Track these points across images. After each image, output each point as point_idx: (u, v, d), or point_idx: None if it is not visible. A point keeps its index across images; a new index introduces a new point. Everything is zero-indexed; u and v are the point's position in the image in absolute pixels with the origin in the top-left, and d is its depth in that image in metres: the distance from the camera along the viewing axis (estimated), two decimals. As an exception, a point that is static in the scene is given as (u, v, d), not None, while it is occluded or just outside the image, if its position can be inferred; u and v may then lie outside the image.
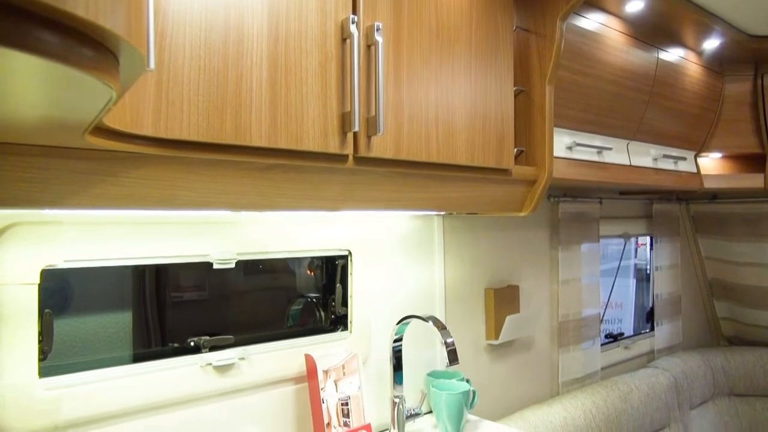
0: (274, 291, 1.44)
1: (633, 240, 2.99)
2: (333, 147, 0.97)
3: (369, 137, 1.01)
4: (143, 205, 0.81)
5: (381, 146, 1.04)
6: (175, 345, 1.22)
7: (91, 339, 1.13)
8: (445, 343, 1.32)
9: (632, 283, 3.12)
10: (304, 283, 1.48)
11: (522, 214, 1.44)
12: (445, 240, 1.69)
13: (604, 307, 2.47)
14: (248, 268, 1.36)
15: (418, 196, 1.17)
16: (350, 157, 1.01)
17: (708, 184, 2.16)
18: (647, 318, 2.77)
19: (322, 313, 1.47)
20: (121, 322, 1.19)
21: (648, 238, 2.82)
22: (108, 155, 0.76)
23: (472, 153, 1.22)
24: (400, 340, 1.45)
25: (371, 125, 1.00)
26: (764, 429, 2.51)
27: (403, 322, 1.42)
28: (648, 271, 2.85)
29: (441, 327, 1.35)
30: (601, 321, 2.28)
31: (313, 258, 1.45)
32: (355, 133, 0.99)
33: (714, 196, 2.66)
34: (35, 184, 0.72)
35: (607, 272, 2.73)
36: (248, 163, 0.89)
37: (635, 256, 3.08)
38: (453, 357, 1.31)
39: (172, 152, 0.80)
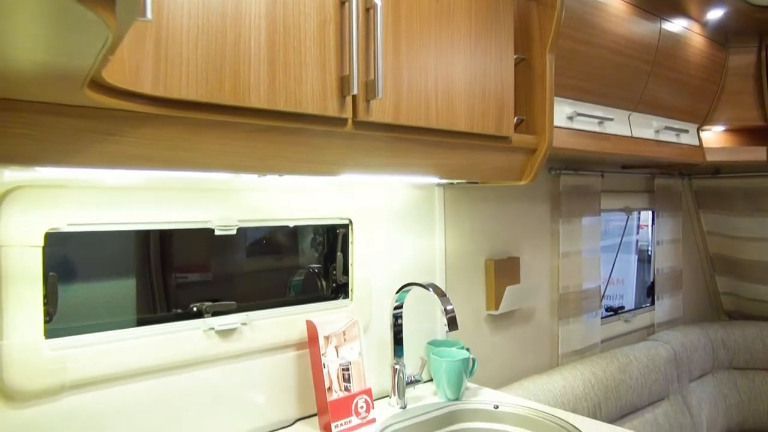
0: (276, 260, 1.46)
1: (635, 216, 2.99)
2: (332, 110, 0.97)
3: (368, 101, 1.02)
4: (144, 165, 0.82)
5: (380, 111, 1.04)
6: (178, 311, 1.24)
7: (95, 305, 1.15)
8: (445, 310, 1.34)
9: (633, 259, 3.13)
10: (305, 253, 1.49)
11: (522, 183, 1.44)
12: (445, 211, 1.70)
13: (606, 283, 2.48)
14: (250, 236, 1.38)
15: (418, 162, 1.18)
16: (349, 121, 1.01)
17: (710, 157, 2.16)
18: (648, 293, 2.78)
19: (323, 282, 1.49)
20: (125, 288, 1.21)
21: (650, 218, 2.83)
22: (108, 114, 0.77)
23: (472, 119, 1.22)
24: (400, 307, 1.46)
25: (370, 89, 1.00)
26: (763, 402, 2.54)
27: (404, 289, 1.43)
28: (649, 252, 2.86)
29: (441, 294, 1.36)
30: (602, 297, 2.29)
31: (313, 227, 1.46)
32: (354, 97, 1.00)
33: (716, 170, 2.66)
34: (37, 142, 0.73)
35: (609, 248, 2.74)
36: (248, 124, 0.90)
37: (637, 233, 3.09)
38: (452, 323, 1.33)
39: (171, 112, 0.81)
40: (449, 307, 1.34)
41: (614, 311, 2.47)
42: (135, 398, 1.11)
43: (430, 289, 1.36)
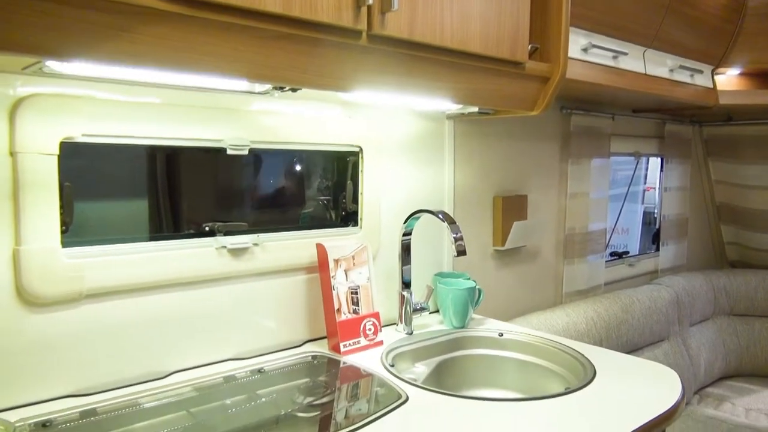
0: (286, 189, 1.46)
1: (642, 166, 2.98)
2: (346, 20, 0.96)
3: (383, 13, 1.00)
4: (156, 64, 0.82)
5: (395, 25, 1.03)
6: (191, 231, 1.26)
7: (109, 221, 1.16)
8: (454, 237, 1.35)
9: (639, 209, 3.13)
10: (315, 183, 1.50)
11: (534, 113, 1.43)
12: (455, 145, 1.70)
13: (611, 232, 2.49)
14: (262, 162, 1.38)
15: (430, 83, 1.17)
16: (364, 34, 1.00)
17: (723, 100, 2.13)
18: (653, 240, 2.80)
19: (333, 213, 1.49)
20: (137, 206, 1.22)
21: (658, 168, 2.81)
22: (123, 9, 0.76)
23: (486, 42, 1.21)
24: (409, 234, 1.48)
25: (385, 0, 0.99)
26: (761, 347, 2.58)
27: (413, 216, 1.44)
28: (655, 215, 2.85)
29: (451, 221, 1.37)
30: (608, 243, 2.31)
31: (324, 155, 1.46)
32: (369, 8, 0.98)
33: (728, 117, 2.63)
34: (50, 32, 0.72)
35: (616, 198, 2.74)
36: (262, 30, 0.89)
37: (644, 182, 3.08)
38: (461, 249, 1.34)
39: (184, 10, 0.80)
40: (458, 235, 1.35)
41: (619, 255, 2.49)
42: (150, 311, 1.14)
43: (440, 216, 1.37)
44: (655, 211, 2.85)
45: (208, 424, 0.97)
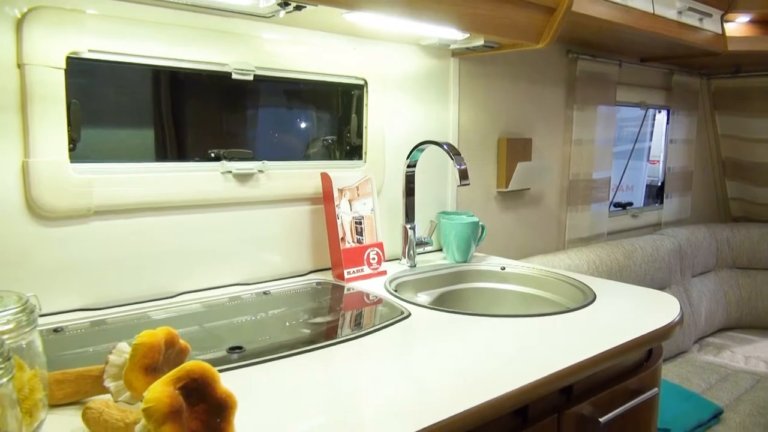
0: (293, 118, 1.47)
1: (648, 123, 2.96)
2: (352, -69, 0.96)
3: (388, -74, 1.00)
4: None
5: (400, -60, 1.02)
6: (196, 158, 1.27)
7: (115, 147, 1.18)
8: (458, 168, 1.36)
9: (644, 166, 3.12)
10: (320, 113, 1.50)
11: (539, 45, 1.43)
12: (460, 84, 1.69)
13: (616, 189, 2.49)
14: (267, 90, 1.38)
15: (435, 6, 1.16)
16: (369, -52, 1.00)
17: (732, 47, 2.11)
18: (657, 193, 2.80)
19: (337, 144, 1.50)
20: (144, 132, 1.23)
21: (663, 138, 2.79)
22: None
23: (492, -34, 1.20)
24: (413, 166, 1.48)
25: None
26: (762, 299, 2.59)
27: (418, 148, 1.45)
28: (659, 183, 2.84)
29: (455, 152, 1.38)
30: (612, 194, 2.31)
31: (329, 89, 1.46)
32: None
33: (736, 69, 2.61)
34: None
35: (621, 155, 2.73)
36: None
37: (650, 140, 3.07)
38: (464, 177, 1.35)
39: None
40: (462, 166, 1.36)
41: (622, 207, 2.50)
42: (157, 231, 1.16)
43: (445, 147, 1.38)
44: (659, 182, 2.84)
45: (215, 333, 1.00)
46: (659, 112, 2.93)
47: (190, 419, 0.57)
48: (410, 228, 1.49)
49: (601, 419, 0.94)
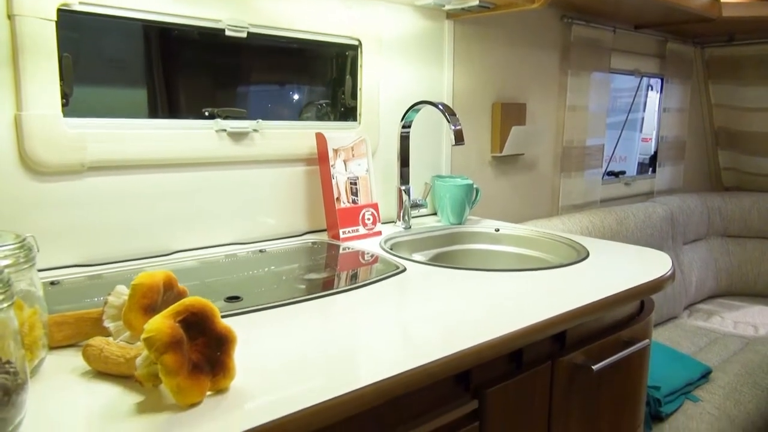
0: (287, 78, 1.45)
1: (642, 94, 2.96)
2: None
3: None
4: None
5: None
6: (191, 117, 1.26)
7: (107, 104, 1.17)
8: (454, 128, 1.36)
9: (637, 137, 3.13)
10: (315, 74, 1.49)
11: (534, 6, 1.42)
12: (455, 47, 1.68)
13: (609, 160, 2.50)
14: (262, 49, 1.37)
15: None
16: None
17: (726, 13, 2.10)
18: (650, 162, 2.82)
19: (332, 106, 1.49)
20: (137, 90, 1.22)
21: (657, 109, 2.79)
22: None
23: None
24: (408, 127, 1.48)
25: None
26: (752, 267, 2.63)
27: (413, 108, 1.45)
28: (652, 151, 2.85)
29: (451, 113, 1.37)
30: (606, 162, 2.32)
31: (324, 47, 1.45)
32: None
33: (731, 38, 2.61)
34: None
35: (615, 125, 2.73)
36: None
37: (643, 110, 3.07)
38: (459, 138, 1.35)
39: None
40: (457, 127, 1.36)
41: (615, 175, 2.51)
42: (152, 189, 1.15)
43: (440, 107, 1.38)
44: (652, 151, 2.85)
45: (213, 287, 1.00)
46: (651, 89, 2.94)
47: (191, 352, 0.58)
48: (405, 190, 1.49)
49: (594, 367, 0.95)
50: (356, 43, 1.44)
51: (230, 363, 0.60)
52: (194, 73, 1.29)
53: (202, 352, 0.59)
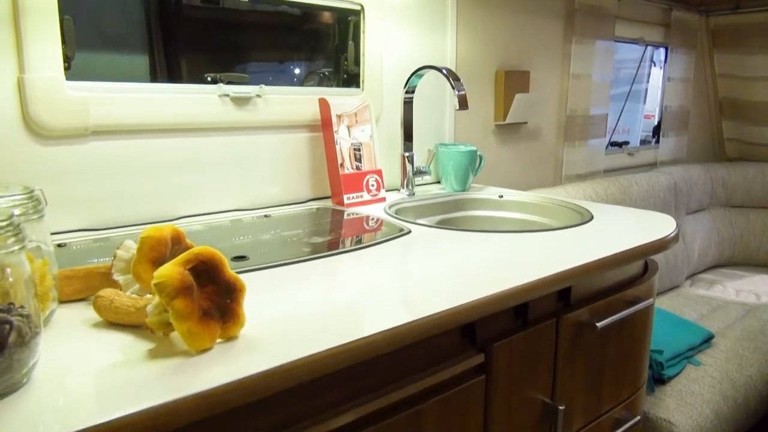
0: (289, 44, 1.44)
1: (646, 65, 2.94)
2: None
3: None
4: None
5: None
6: (193, 81, 1.25)
7: (110, 71, 1.16)
8: (458, 93, 1.35)
9: (641, 108, 3.11)
10: (317, 40, 1.48)
11: (539, -32, 1.40)
12: (458, 13, 1.66)
13: (612, 132, 2.48)
14: (264, 15, 1.36)
15: None
16: None
17: (733, -22, 2.08)
18: (653, 133, 2.80)
19: (335, 73, 1.49)
20: (138, 55, 1.22)
21: (661, 76, 2.76)
22: None
23: None
24: (412, 92, 1.47)
25: None
26: (755, 237, 2.63)
27: (417, 73, 1.44)
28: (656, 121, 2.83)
29: (455, 78, 1.37)
30: (611, 137, 2.30)
31: (325, 12, 1.44)
32: None
33: (736, 6, 2.58)
34: None
35: (618, 97, 2.71)
36: None
37: (647, 81, 3.05)
38: (463, 103, 1.34)
39: None
40: (461, 92, 1.35)
41: (619, 145, 2.50)
42: (156, 154, 1.15)
43: (444, 71, 1.37)
44: (652, 130, 2.84)
45: (219, 248, 1.00)
46: (654, 65, 2.91)
47: (201, 299, 0.58)
48: (408, 157, 1.49)
49: (598, 324, 0.96)
50: (358, 8, 1.42)
51: (240, 311, 0.61)
52: (196, 39, 1.28)
53: (212, 299, 0.59)
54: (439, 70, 1.38)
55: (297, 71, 1.46)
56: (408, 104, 1.48)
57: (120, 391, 0.50)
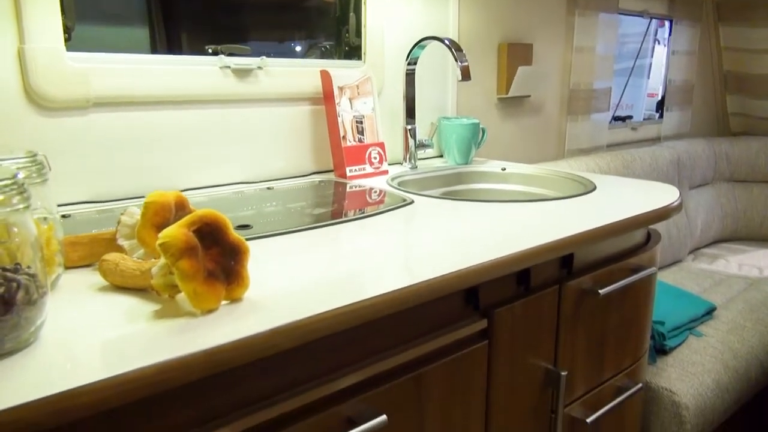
0: (290, 17, 1.43)
1: (651, 38, 2.90)
2: None
3: None
4: None
5: None
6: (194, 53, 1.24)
7: (111, 42, 1.15)
8: (460, 64, 1.34)
9: (645, 83, 3.09)
10: (318, 13, 1.46)
11: (542, -65, 1.38)
12: (460, -16, 1.65)
13: (615, 107, 2.47)
14: (261, -13, 1.34)
15: None
16: None
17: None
18: (657, 107, 2.78)
19: (336, 45, 1.47)
20: (138, 28, 1.21)
21: (665, 53, 2.73)
22: None
23: None
24: (414, 64, 1.46)
25: None
26: (758, 212, 2.62)
27: (419, 44, 1.43)
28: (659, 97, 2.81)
29: (457, 48, 1.35)
30: (614, 111, 2.28)
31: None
32: None
33: (743, -23, 2.54)
34: None
35: (622, 72, 2.69)
36: None
37: (651, 56, 3.02)
38: (466, 74, 1.33)
39: None
40: (464, 63, 1.34)
41: (622, 119, 2.49)
42: (157, 126, 1.15)
43: (446, 42, 1.36)
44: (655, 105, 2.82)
45: (222, 219, 1.01)
46: (658, 43, 2.88)
47: (205, 260, 0.59)
48: (411, 130, 1.48)
49: (600, 291, 0.96)
50: (360, -22, 1.41)
51: (244, 272, 0.61)
52: (196, 11, 1.27)
53: (217, 261, 0.59)
54: (441, 40, 1.36)
55: (298, 45, 1.44)
56: (410, 76, 1.47)
57: (126, 349, 0.50)
